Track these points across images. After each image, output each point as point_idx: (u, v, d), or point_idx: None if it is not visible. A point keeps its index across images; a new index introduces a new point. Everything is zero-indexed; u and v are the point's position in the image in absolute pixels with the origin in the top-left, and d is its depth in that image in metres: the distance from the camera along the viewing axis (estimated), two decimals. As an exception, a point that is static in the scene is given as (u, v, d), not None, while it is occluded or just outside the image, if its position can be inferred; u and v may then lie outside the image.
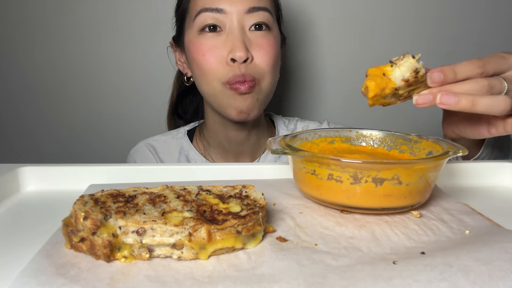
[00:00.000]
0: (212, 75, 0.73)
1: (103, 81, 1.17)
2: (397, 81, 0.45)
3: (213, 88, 0.74)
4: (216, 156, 0.88)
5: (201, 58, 0.73)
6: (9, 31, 1.13)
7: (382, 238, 0.37)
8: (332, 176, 0.41)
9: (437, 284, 0.28)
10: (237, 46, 0.71)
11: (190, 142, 0.89)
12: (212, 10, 0.72)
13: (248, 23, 0.74)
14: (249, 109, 0.74)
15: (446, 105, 0.45)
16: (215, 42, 0.73)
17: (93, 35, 1.14)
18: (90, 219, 0.33)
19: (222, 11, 0.72)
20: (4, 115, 1.21)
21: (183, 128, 0.92)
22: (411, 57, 0.45)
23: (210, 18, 0.73)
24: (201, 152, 0.88)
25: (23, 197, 0.52)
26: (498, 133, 0.51)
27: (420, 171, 0.40)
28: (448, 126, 0.58)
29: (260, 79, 0.74)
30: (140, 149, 0.88)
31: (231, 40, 0.72)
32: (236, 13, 0.72)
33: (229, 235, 0.34)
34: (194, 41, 0.75)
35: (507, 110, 0.45)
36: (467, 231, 0.39)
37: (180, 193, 0.40)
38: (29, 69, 1.16)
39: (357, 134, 0.55)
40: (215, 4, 0.72)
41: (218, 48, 0.72)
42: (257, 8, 0.74)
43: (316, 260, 0.33)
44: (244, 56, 0.70)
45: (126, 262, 0.33)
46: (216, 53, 0.72)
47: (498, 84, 0.47)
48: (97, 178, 0.54)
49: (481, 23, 1.14)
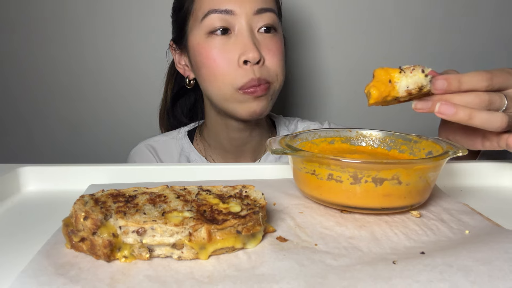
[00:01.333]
0: (224, 80, 0.72)
1: (103, 82, 1.17)
2: (400, 90, 0.45)
3: (224, 93, 0.73)
4: (217, 157, 0.88)
5: (211, 63, 0.72)
6: (9, 32, 1.13)
7: (382, 238, 0.37)
8: (332, 176, 0.41)
9: (437, 284, 0.28)
10: (249, 48, 0.70)
11: (191, 142, 0.89)
12: (221, 12, 0.71)
13: (257, 25, 0.73)
14: (262, 110, 0.73)
15: (444, 115, 0.45)
16: (225, 44, 0.72)
17: (93, 37, 1.14)
18: (90, 219, 0.33)
19: (231, 12, 0.71)
20: (5, 115, 1.21)
21: (183, 128, 0.92)
22: (421, 71, 0.45)
23: (219, 19, 0.71)
24: (202, 153, 0.88)
25: (23, 197, 0.52)
26: (492, 148, 0.51)
27: (420, 171, 0.40)
28: (444, 132, 0.58)
29: (273, 82, 0.74)
30: (140, 150, 0.88)
31: (241, 41, 0.71)
32: (245, 15, 0.71)
33: (229, 235, 0.34)
34: (202, 44, 0.73)
35: (503, 127, 0.46)
36: (467, 231, 0.39)
37: (180, 193, 0.40)
38: (29, 70, 1.16)
39: (357, 134, 0.55)
40: (224, 5, 0.71)
41: (229, 51, 0.71)
42: (264, 9, 0.73)
43: (316, 260, 0.33)
44: (257, 57, 0.70)
45: (126, 262, 0.33)
46: (226, 57, 0.71)
47: (499, 100, 0.47)
48: (97, 178, 0.54)
49: (485, 23, 1.14)
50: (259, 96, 0.72)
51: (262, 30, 0.73)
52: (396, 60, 1.15)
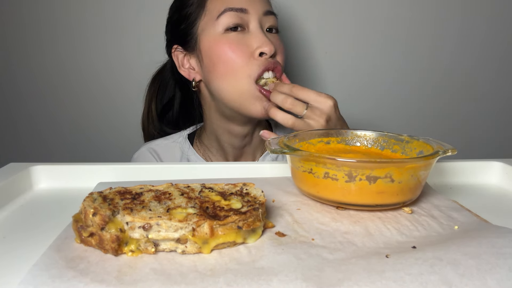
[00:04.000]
0: (242, 72, 0.72)
1: (112, 83, 1.17)
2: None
3: (241, 86, 0.73)
4: (218, 159, 0.87)
5: (229, 55, 0.73)
6: (19, 33, 1.13)
7: (375, 233, 0.37)
8: (328, 175, 0.41)
9: (427, 276, 0.28)
10: (265, 41, 0.72)
11: (191, 145, 0.88)
12: (236, 10, 0.73)
13: (265, 25, 0.76)
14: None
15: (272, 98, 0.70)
16: (241, 39, 0.73)
17: (101, 37, 1.13)
18: (99, 215, 0.33)
19: (245, 11, 0.74)
20: (18, 117, 1.21)
21: (184, 132, 0.90)
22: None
23: (235, 17, 0.73)
24: (202, 156, 0.87)
25: (35, 194, 0.52)
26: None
27: (411, 170, 0.40)
28: None
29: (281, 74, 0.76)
30: (143, 153, 0.87)
31: (257, 37, 0.73)
32: (256, 14, 0.74)
33: (230, 230, 0.34)
34: (218, 39, 0.74)
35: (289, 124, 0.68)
36: (456, 227, 0.39)
37: (184, 190, 0.40)
38: (39, 72, 1.16)
39: (351, 134, 0.55)
40: (239, 4, 0.73)
41: (245, 45, 0.73)
42: (270, 12, 0.77)
43: (313, 254, 0.33)
44: (273, 50, 0.72)
45: (133, 256, 0.33)
46: (243, 50, 0.73)
47: (300, 108, 0.67)
48: (105, 176, 0.54)
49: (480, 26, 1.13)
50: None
51: (270, 31, 0.77)
52: (388, 64, 1.15)
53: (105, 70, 1.16)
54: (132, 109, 1.19)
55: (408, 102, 1.19)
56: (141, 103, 1.18)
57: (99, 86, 1.17)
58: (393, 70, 1.16)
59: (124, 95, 1.18)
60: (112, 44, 1.14)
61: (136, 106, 1.18)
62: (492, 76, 1.17)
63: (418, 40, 1.14)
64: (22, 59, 1.15)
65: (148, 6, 1.11)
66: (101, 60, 1.15)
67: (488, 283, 0.28)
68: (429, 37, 1.14)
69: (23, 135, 1.23)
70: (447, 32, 1.14)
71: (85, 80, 1.17)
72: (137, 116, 1.19)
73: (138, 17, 1.12)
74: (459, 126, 1.21)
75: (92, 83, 1.17)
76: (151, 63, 1.14)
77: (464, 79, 1.17)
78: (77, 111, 1.20)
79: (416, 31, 1.13)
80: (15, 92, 1.19)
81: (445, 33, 1.14)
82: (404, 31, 1.13)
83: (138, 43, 1.13)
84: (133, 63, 1.15)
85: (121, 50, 1.14)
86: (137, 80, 1.16)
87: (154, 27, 1.11)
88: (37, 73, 1.17)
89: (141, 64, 1.15)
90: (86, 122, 1.21)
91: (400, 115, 1.20)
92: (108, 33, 1.13)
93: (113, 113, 1.20)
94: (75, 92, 1.18)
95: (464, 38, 1.14)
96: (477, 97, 1.19)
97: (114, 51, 1.14)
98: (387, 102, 1.19)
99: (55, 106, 1.19)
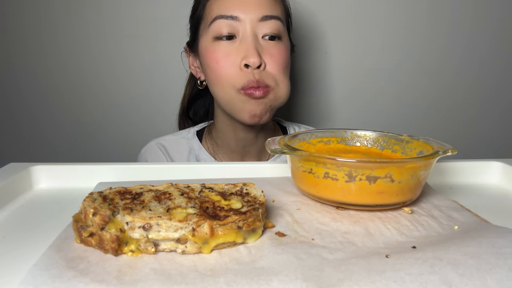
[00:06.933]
0: (227, 82, 0.72)
1: (113, 83, 1.17)
2: None
3: (228, 94, 0.73)
4: (224, 156, 0.87)
5: (215, 65, 0.73)
6: (20, 32, 1.13)
7: (375, 233, 0.37)
8: (328, 175, 0.41)
9: (427, 276, 0.28)
10: (251, 53, 0.70)
11: (200, 142, 0.89)
12: (227, 17, 0.72)
13: (261, 31, 0.73)
14: (261, 114, 0.73)
15: None
16: (229, 49, 0.72)
17: (104, 37, 1.13)
18: (99, 215, 0.33)
19: (236, 19, 0.72)
20: (19, 116, 1.21)
21: (192, 128, 0.91)
22: None
23: (225, 25, 0.72)
24: (210, 152, 0.88)
25: (35, 194, 0.52)
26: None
27: (411, 170, 0.40)
28: None
29: (274, 87, 0.73)
30: (152, 148, 0.87)
31: (244, 47, 0.72)
32: (249, 21, 0.72)
33: (230, 230, 0.34)
34: (208, 47, 0.74)
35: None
36: (456, 227, 0.39)
37: (184, 190, 0.40)
38: (40, 71, 1.16)
39: (352, 134, 0.55)
40: (230, 11, 0.72)
41: (232, 55, 0.72)
42: (269, 17, 0.73)
43: (313, 254, 0.33)
44: (257, 62, 0.70)
45: (133, 256, 0.33)
46: (230, 60, 0.72)
47: None
48: (105, 176, 0.54)
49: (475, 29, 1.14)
50: (258, 98, 0.71)
51: (267, 38, 0.73)
52: (388, 64, 1.15)
53: (107, 69, 1.16)
54: (134, 108, 1.19)
55: (408, 102, 1.19)
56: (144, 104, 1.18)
57: (101, 85, 1.17)
58: (393, 70, 1.16)
59: (126, 94, 1.18)
60: (114, 43, 1.14)
61: (139, 106, 1.19)
62: (492, 77, 1.17)
63: (418, 40, 1.14)
64: (23, 58, 1.15)
65: (149, 6, 1.11)
66: (102, 60, 1.15)
67: (488, 283, 0.28)
68: (429, 38, 1.14)
69: (24, 134, 1.23)
70: (448, 32, 1.14)
71: (87, 79, 1.17)
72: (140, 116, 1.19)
73: (139, 16, 1.12)
74: (459, 126, 1.21)
75: (94, 82, 1.17)
76: (153, 62, 1.15)
77: (464, 79, 1.17)
78: (78, 110, 1.20)
79: (416, 32, 1.13)
80: (16, 91, 1.19)
81: (446, 33, 1.14)
82: (404, 31, 1.13)
83: (140, 42, 1.13)
84: (135, 63, 1.15)
85: (123, 50, 1.14)
86: (141, 81, 1.16)
87: (156, 26, 1.12)
88: (38, 72, 1.16)
89: (143, 64, 1.15)
90: (88, 121, 1.20)
91: (400, 115, 1.20)
92: (110, 32, 1.13)
93: (115, 113, 1.19)
94: (76, 91, 1.18)
95: (466, 39, 1.14)
96: (477, 97, 1.19)
97: (116, 51, 1.14)
98: (387, 102, 1.19)
99: (56, 105, 1.19)
